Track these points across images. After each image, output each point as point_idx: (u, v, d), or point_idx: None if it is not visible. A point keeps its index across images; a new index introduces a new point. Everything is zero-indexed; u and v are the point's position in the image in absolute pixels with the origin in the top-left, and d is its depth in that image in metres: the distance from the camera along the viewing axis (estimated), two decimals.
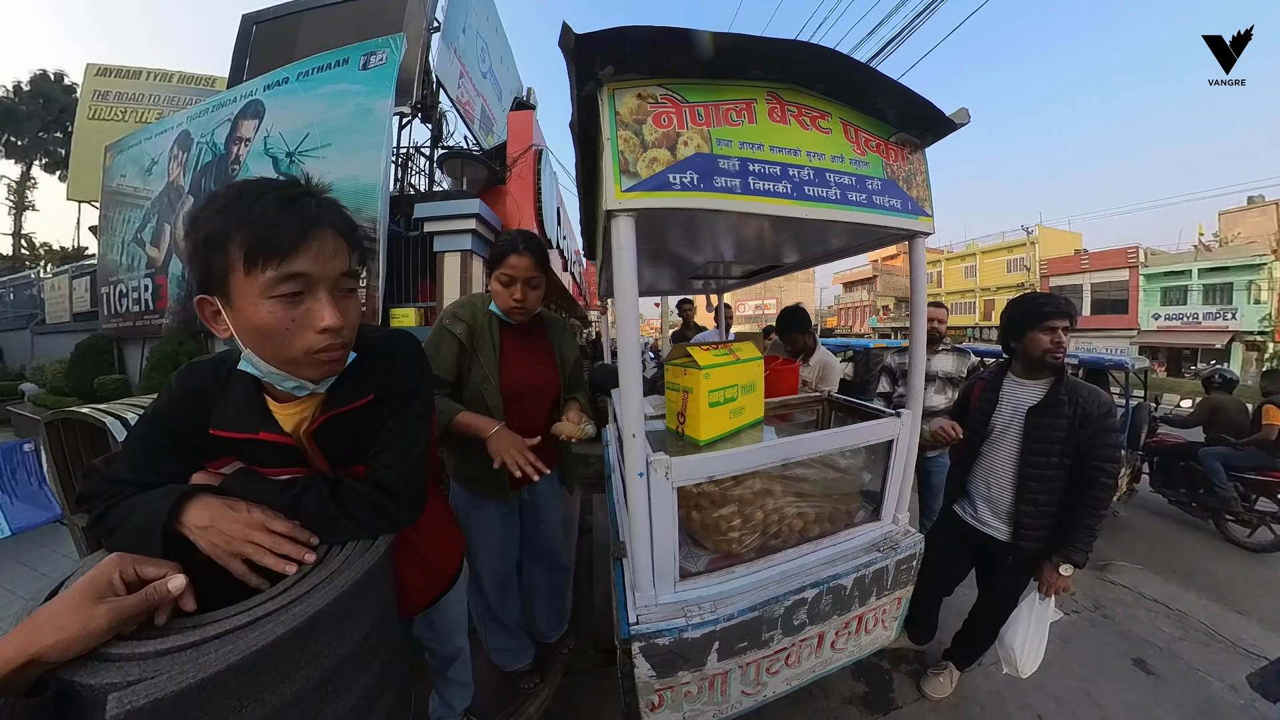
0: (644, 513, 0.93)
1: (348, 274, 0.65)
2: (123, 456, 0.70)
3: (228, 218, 0.58)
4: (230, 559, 0.60)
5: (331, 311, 0.62)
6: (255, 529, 0.61)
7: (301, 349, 0.62)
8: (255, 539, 0.61)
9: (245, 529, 0.61)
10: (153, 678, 0.44)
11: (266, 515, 0.64)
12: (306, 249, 0.59)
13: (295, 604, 0.56)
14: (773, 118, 0.99)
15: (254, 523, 0.62)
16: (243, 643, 0.49)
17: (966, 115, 1.13)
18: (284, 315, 0.60)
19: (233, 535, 0.60)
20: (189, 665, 0.46)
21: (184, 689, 0.44)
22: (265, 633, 0.51)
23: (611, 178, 0.86)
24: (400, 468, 0.75)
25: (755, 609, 1.00)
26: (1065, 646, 2.12)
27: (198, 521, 0.60)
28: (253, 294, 0.58)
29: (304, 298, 0.61)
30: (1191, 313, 18.20)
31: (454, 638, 1.19)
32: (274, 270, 0.58)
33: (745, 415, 1.21)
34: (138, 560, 0.54)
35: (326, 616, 0.57)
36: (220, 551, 0.60)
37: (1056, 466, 1.43)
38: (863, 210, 1.08)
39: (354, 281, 0.67)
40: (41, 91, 18.66)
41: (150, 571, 0.54)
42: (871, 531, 1.29)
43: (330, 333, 0.62)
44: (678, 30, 0.80)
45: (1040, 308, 1.47)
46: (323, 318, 0.61)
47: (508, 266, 1.29)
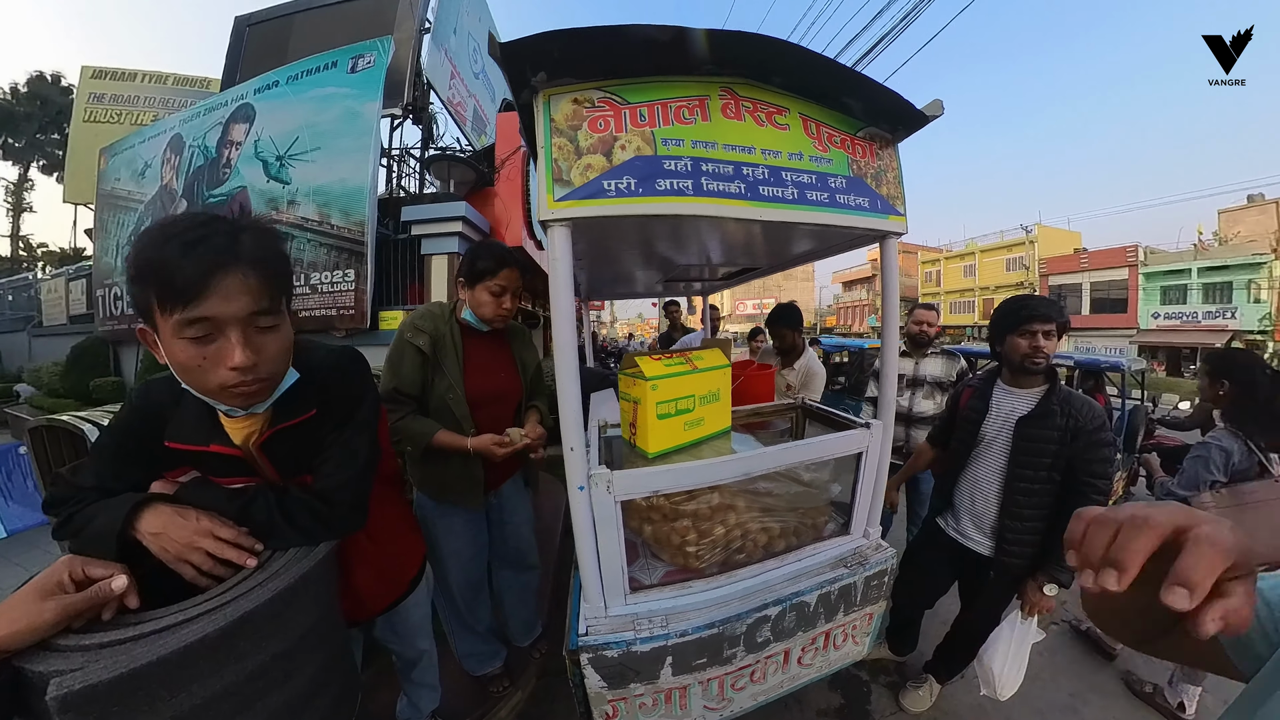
0: (589, 526, 0.92)
1: (261, 312, 0.65)
2: (87, 465, 0.76)
3: (144, 259, 0.60)
4: (179, 564, 0.65)
5: (241, 352, 0.63)
6: (202, 536, 0.66)
7: (215, 384, 0.65)
8: (202, 545, 0.65)
9: (193, 536, 0.65)
10: (88, 667, 0.50)
11: (214, 523, 0.68)
12: (209, 294, 0.60)
13: (228, 605, 0.61)
14: (726, 114, 0.95)
15: (201, 530, 0.66)
16: (173, 638, 0.55)
17: (940, 107, 1.07)
18: (196, 354, 0.62)
19: (181, 542, 0.65)
20: (122, 657, 0.52)
21: (115, 677, 0.49)
22: (194, 630, 0.56)
23: (544, 187, 0.84)
24: (341, 478, 0.79)
25: (714, 626, 0.98)
26: (1052, 659, 2.06)
27: (150, 528, 0.65)
28: (167, 333, 0.62)
29: (214, 337, 0.63)
30: (1191, 312, 18.14)
31: (417, 641, 1.21)
32: (180, 314, 0.60)
33: (705, 427, 1.18)
34: (86, 562, 0.59)
35: (256, 618, 0.61)
36: (170, 556, 0.64)
37: (1045, 480, 1.37)
38: (823, 210, 1.03)
39: (272, 318, 0.67)
40: (38, 93, 18.65)
41: (97, 572, 0.59)
42: (839, 546, 1.26)
43: (240, 371, 0.64)
44: (609, 30, 0.77)
45: (1019, 310, 1.41)
46: (232, 358, 0.63)
47: (501, 279, 1.33)
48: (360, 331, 3.97)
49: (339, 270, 4.05)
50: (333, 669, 0.77)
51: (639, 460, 1.08)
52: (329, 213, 4.10)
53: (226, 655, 0.58)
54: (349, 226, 4.02)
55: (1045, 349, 1.38)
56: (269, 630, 0.63)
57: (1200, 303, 18.04)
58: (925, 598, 1.81)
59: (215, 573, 0.66)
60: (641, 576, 1.12)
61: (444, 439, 1.28)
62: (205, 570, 0.65)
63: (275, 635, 0.64)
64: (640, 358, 1.08)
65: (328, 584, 0.77)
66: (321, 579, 0.74)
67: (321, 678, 0.73)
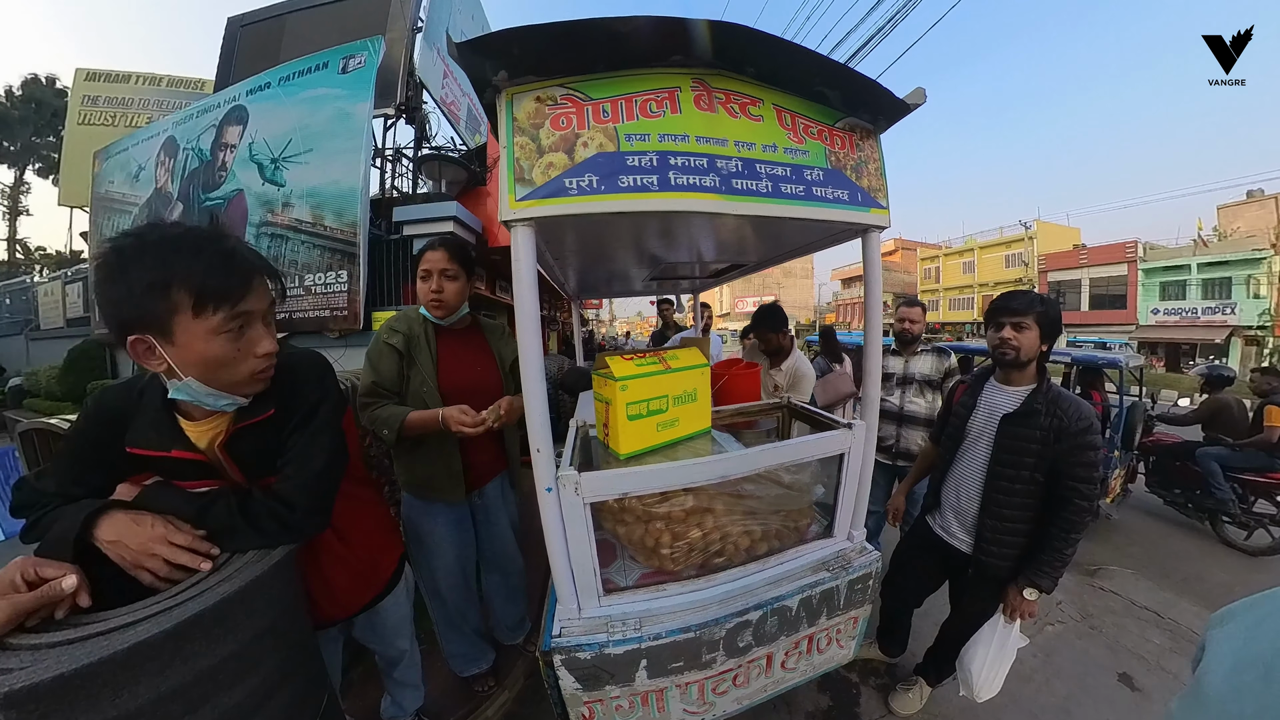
0: (558, 527, 0.92)
1: (273, 305, 0.78)
2: (49, 471, 0.78)
3: (170, 268, 0.65)
4: (137, 570, 0.67)
5: (270, 339, 0.75)
6: (157, 542, 0.67)
7: (247, 372, 0.74)
8: (157, 551, 0.67)
9: (147, 542, 0.67)
10: (33, 666, 0.52)
11: (169, 529, 0.69)
12: (250, 293, 0.72)
13: (175, 608, 0.62)
14: (699, 106, 0.92)
15: (156, 537, 0.67)
16: (117, 639, 0.56)
17: (922, 95, 1.05)
18: (232, 347, 0.71)
19: (136, 549, 0.66)
20: (66, 657, 0.53)
21: (57, 676, 0.51)
22: (139, 632, 0.58)
23: (506, 187, 0.84)
24: (300, 480, 0.80)
25: (691, 630, 0.97)
26: (1048, 660, 2.02)
27: (107, 536, 0.66)
28: (202, 332, 0.68)
29: (245, 330, 0.73)
30: (1190, 308, 18.08)
31: (396, 640, 1.22)
32: (225, 312, 0.69)
33: (681, 427, 1.17)
34: (39, 562, 0.61)
35: (204, 620, 0.62)
36: (127, 563, 0.66)
37: (1027, 481, 1.35)
38: (798, 204, 1.01)
39: (274, 311, 0.79)
40: (33, 96, 18.61)
41: (49, 572, 0.61)
42: (822, 550, 1.24)
43: (269, 355, 0.75)
44: (568, 25, 0.76)
45: (991, 305, 1.44)
46: (264, 345, 0.75)
47: (425, 261, 1.38)
48: (354, 332, 3.97)
49: (332, 271, 4.05)
50: (292, 670, 0.78)
51: (613, 461, 1.07)
52: (322, 214, 4.10)
53: (172, 657, 0.60)
54: (342, 228, 4.02)
55: (1012, 340, 1.38)
56: (217, 633, 0.64)
57: (1200, 298, 17.99)
58: (913, 597, 1.80)
59: (171, 578, 0.67)
60: (618, 578, 1.11)
61: (415, 417, 1.30)
62: (162, 575, 0.67)
63: (225, 637, 0.65)
64: (611, 357, 1.07)
65: (284, 586, 0.77)
66: (277, 581, 0.74)
67: (278, 678, 0.74)
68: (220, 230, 0.74)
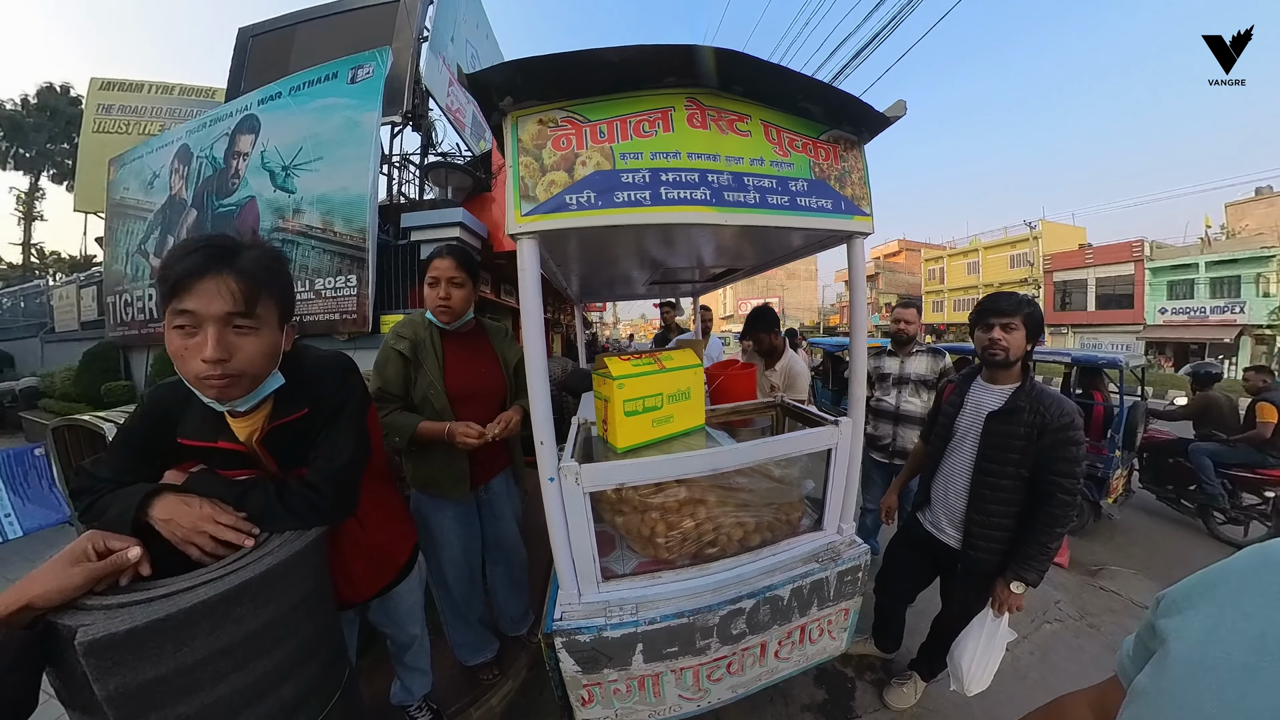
0: (560, 515, 0.98)
1: (238, 314, 0.75)
2: (104, 460, 0.87)
3: (162, 261, 0.74)
4: (186, 545, 0.74)
5: (211, 346, 0.73)
6: (205, 521, 0.75)
7: (192, 374, 0.75)
8: (205, 529, 0.75)
9: (197, 520, 0.75)
10: (108, 621, 0.60)
11: (216, 510, 0.77)
12: (190, 292, 0.72)
13: (227, 576, 0.70)
14: (692, 124, 0.99)
15: (204, 516, 0.75)
16: (180, 599, 0.65)
17: (903, 108, 1.10)
18: (179, 344, 0.74)
19: (187, 526, 0.74)
20: (137, 612, 0.62)
21: (130, 629, 0.60)
22: (197, 594, 0.66)
23: (513, 202, 0.91)
24: (328, 472, 0.88)
25: (684, 616, 1.03)
26: (1044, 658, 2.03)
27: (160, 514, 0.74)
28: (167, 323, 0.74)
29: (196, 332, 0.73)
30: (1199, 307, 17.93)
31: (408, 625, 1.29)
32: (169, 306, 0.72)
33: (675, 424, 1.23)
34: (106, 536, 0.69)
35: (251, 588, 0.71)
36: (178, 539, 0.74)
37: (1012, 477, 1.39)
38: (783, 213, 1.07)
39: (249, 322, 0.77)
40: (48, 104, 19.01)
41: (115, 544, 0.68)
42: (812, 542, 1.29)
43: (210, 364, 0.73)
44: (565, 56, 0.83)
45: (979, 306, 1.48)
46: (203, 350, 0.73)
47: (433, 269, 1.44)
48: (363, 335, 4.06)
49: (341, 276, 4.15)
50: (321, 640, 0.86)
51: (611, 455, 1.14)
52: (332, 220, 4.20)
53: (223, 618, 0.67)
54: (351, 233, 4.11)
55: (1001, 340, 1.41)
56: (262, 599, 0.72)
57: (1208, 297, 17.83)
58: (906, 592, 1.84)
59: (217, 553, 0.75)
60: (616, 567, 1.17)
61: (425, 428, 1.38)
62: (208, 551, 0.75)
63: (267, 604, 0.73)
64: (609, 358, 1.14)
65: (316, 564, 0.85)
66: (310, 559, 0.83)
67: (310, 646, 0.82)
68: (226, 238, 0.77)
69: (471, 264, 1.49)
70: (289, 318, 0.86)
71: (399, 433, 1.37)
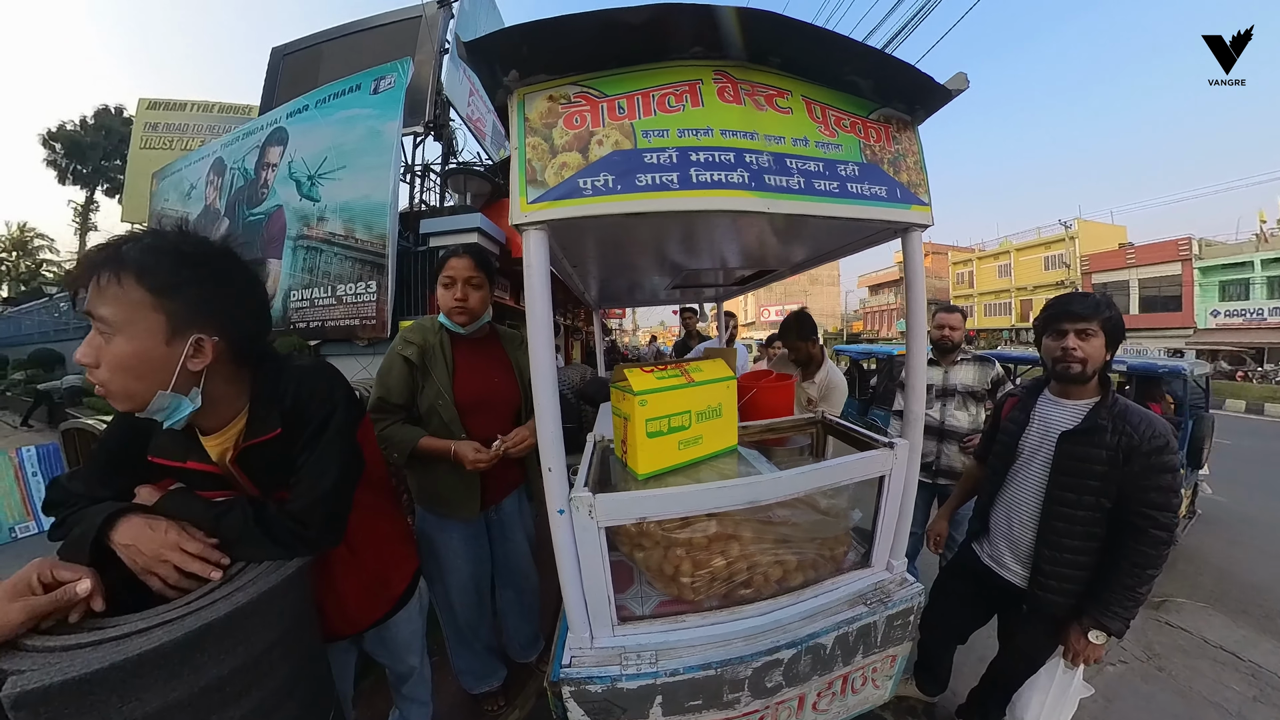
0: (571, 552, 0.87)
1: (95, 316, 0.64)
2: (79, 473, 0.81)
3: None
4: (147, 576, 0.66)
5: (84, 348, 0.65)
6: (169, 549, 0.67)
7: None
8: (168, 558, 0.67)
9: (160, 549, 0.67)
10: (45, 668, 0.52)
11: (182, 536, 0.69)
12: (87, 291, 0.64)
13: (187, 616, 0.61)
14: (724, 98, 0.86)
15: (169, 543, 0.67)
16: (129, 646, 0.56)
17: (964, 80, 0.96)
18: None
19: (149, 554, 0.66)
20: (77, 660, 0.53)
21: (67, 680, 0.51)
22: (150, 639, 0.57)
23: (518, 189, 0.80)
24: (310, 498, 0.79)
25: (712, 667, 0.88)
26: (1108, 706, 1.84)
27: (122, 539, 0.67)
28: None
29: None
30: (1255, 308, 16.72)
31: (407, 656, 1.19)
32: None
33: (704, 446, 1.09)
34: (56, 565, 0.62)
35: (214, 631, 0.62)
36: (139, 567, 0.66)
37: (1091, 507, 1.20)
38: (833, 201, 0.92)
39: (105, 326, 0.64)
40: (103, 124, 20.39)
41: (65, 575, 0.61)
42: (859, 581, 1.13)
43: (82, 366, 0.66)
44: (577, 18, 0.71)
45: (1049, 309, 1.29)
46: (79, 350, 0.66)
47: (448, 269, 1.36)
48: (381, 340, 4.08)
49: (362, 282, 4.19)
50: (300, 682, 0.77)
51: (632, 482, 1.01)
52: (354, 227, 4.26)
53: (181, 666, 0.58)
54: (372, 240, 4.16)
55: (1078, 350, 1.22)
56: (229, 643, 0.63)
57: (1265, 298, 16.61)
58: (956, 632, 1.65)
59: (181, 585, 0.67)
60: (634, 605, 1.05)
61: (428, 444, 1.28)
62: (171, 583, 0.66)
63: (235, 649, 0.64)
64: (630, 369, 1.01)
65: (296, 599, 0.76)
66: (289, 594, 0.73)
67: (286, 691, 0.73)
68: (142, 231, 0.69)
69: (489, 264, 1.41)
70: (206, 326, 0.68)
71: (397, 448, 1.28)
